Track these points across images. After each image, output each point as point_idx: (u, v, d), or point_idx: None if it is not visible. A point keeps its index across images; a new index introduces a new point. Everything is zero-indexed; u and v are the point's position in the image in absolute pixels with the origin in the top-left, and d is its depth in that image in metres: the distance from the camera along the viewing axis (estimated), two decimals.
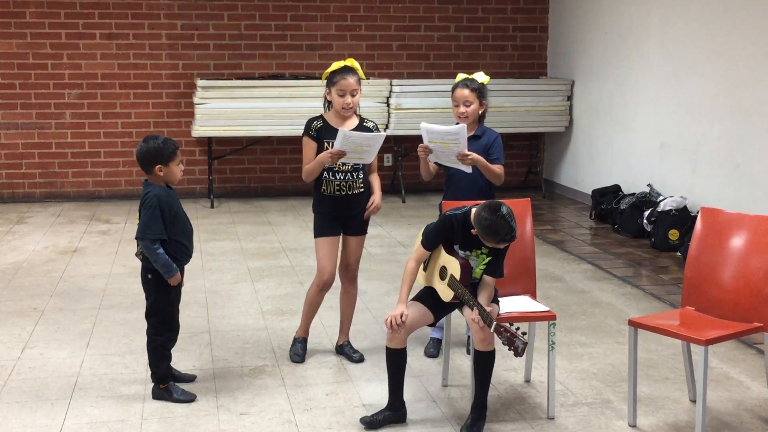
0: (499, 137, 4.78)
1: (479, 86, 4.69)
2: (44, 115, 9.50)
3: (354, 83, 4.59)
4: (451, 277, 3.88)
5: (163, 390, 4.28)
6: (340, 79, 4.57)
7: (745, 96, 6.85)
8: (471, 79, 4.71)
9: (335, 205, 4.68)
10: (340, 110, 4.59)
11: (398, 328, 3.86)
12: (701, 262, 4.14)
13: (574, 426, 4.04)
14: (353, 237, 4.78)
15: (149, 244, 4.12)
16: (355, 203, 4.71)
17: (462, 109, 4.68)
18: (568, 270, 6.79)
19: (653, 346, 5.02)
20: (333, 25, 9.94)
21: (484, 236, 3.79)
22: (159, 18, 9.59)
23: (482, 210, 3.77)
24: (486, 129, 4.79)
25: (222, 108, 9.07)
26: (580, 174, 9.78)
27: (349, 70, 4.60)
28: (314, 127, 4.63)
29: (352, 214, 4.72)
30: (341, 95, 4.57)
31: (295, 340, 4.89)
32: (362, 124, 4.69)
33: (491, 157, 4.69)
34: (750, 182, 6.81)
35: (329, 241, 4.69)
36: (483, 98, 4.71)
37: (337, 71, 4.59)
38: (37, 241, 7.64)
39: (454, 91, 4.71)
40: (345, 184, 4.64)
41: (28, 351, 4.96)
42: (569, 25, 9.94)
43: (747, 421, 4.10)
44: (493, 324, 3.67)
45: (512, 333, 3.60)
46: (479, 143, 4.69)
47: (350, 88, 4.57)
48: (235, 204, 9.51)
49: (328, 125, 4.62)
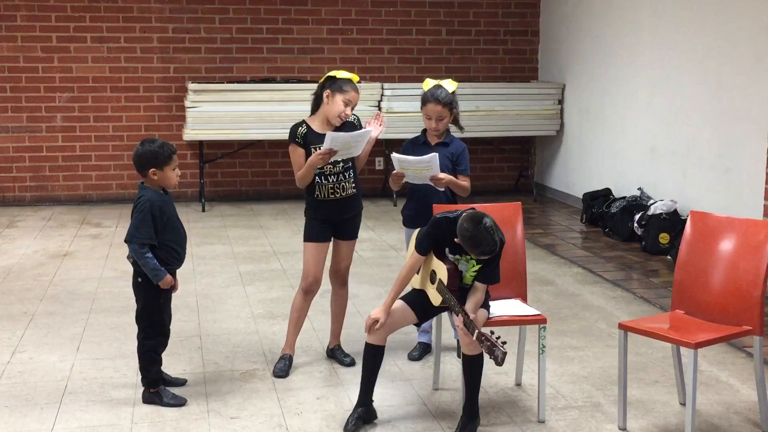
0: (467, 149, 4.78)
1: (451, 99, 4.66)
2: (35, 118, 9.48)
3: (358, 96, 4.62)
4: (440, 281, 3.89)
5: (154, 394, 4.27)
6: (351, 89, 4.55)
7: (735, 100, 6.88)
8: (441, 92, 4.64)
9: (329, 210, 4.67)
10: (336, 117, 4.58)
11: (374, 331, 3.91)
12: (691, 265, 4.15)
13: (564, 429, 4.05)
14: (344, 242, 4.77)
15: (137, 248, 4.11)
16: (348, 206, 4.70)
17: (434, 124, 4.68)
18: (559, 273, 6.81)
19: (643, 349, 5.03)
20: (324, 28, 9.94)
21: (466, 247, 3.78)
22: (150, 21, 9.58)
23: (465, 221, 3.75)
24: (453, 138, 4.79)
25: (213, 111, 9.07)
26: (571, 178, 9.80)
27: (354, 84, 4.61)
28: (300, 134, 4.62)
29: (345, 218, 4.72)
30: (346, 104, 4.57)
31: (282, 357, 4.77)
32: (345, 120, 4.69)
33: (459, 167, 4.70)
34: (740, 186, 6.84)
35: (317, 246, 4.68)
36: (454, 108, 4.70)
37: (348, 80, 4.57)
38: (28, 245, 7.62)
39: (426, 105, 4.67)
40: (338, 186, 4.64)
41: (18, 355, 4.94)
42: (560, 29, 9.96)
43: (736, 424, 4.11)
44: (475, 332, 3.66)
45: (492, 342, 3.57)
46: (447, 150, 4.70)
47: (355, 101, 4.59)
48: (227, 207, 9.50)
49: (313, 131, 4.61)
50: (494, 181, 10.45)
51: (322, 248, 4.70)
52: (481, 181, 10.33)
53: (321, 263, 4.70)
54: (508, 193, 10.26)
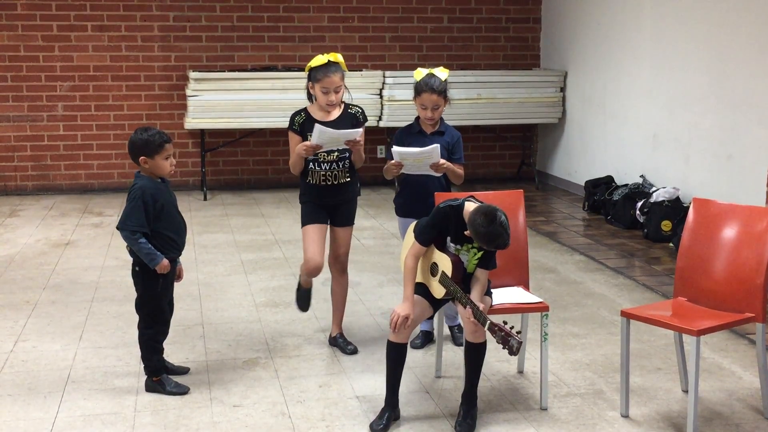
0: (461, 137, 4.77)
1: (445, 87, 4.63)
2: (36, 107, 9.47)
3: (338, 80, 4.53)
4: (443, 274, 3.86)
5: (157, 383, 4.28)
6: (323, 76, 4.52)
7: (737, 87, 6.86)
8: (435, 80, 4.60)
9: (321, 194, 4.66)
10: (324, 107, 4.58)
11: (403, 328, 3.83)
12: (693, 252, 4.15)
13: (566, 416, 4.05)
14: (341, 228, 4.77)
15: (129, 234, 4.11)
16: (341, 192, 4.69)
17: (430, 114, 4.66)
18: (561, 261, 6.81)
19: (645, 336, 5.03)
20: (326, 16, 9.92)
21: (478, 241, 3.74)
22: (151, 10, 9.55)
23: (478, 216, 3.69)
24: (448, 126, 4.78)
25: (215, 100, 9.05)
26: (573, 165, 9.79)
27: (332, 66, 4.53)
28: (297, 122, 4.63)
29: (338, 203, 4.71)
30: (325, 92, 4.54)
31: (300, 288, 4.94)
32: (347, 111, 4.68)
33: (454, 156, 4.68)
34: (742, 173, 6.83)
35: (316, 228, 4.67)
36: (446, 96, 4.68)
37: (320, 67, 4.53)
38: (30, 234, 7.62)
39: (421, 94, 4.63)
40: (330, 174, 4.63)
41: (20, 344, 4.95)
42: (562, 16, 9.93)
43: (739, 411, 4.12)
44: (487, 323, 3.62)
45: (506, 332, 3.53)
46: (443, 139, 4.68)
47: (334, 86, 4.53)
48: (228, 196, 9.50)
49: (311, 118, 4.61)
50: (496, 169, 10.44)
51: (320, 230, 4.69)
52: (482, 169, 10.34)
53: (321, 245, 4.67)
54: (510, 180, 10.25)
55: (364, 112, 4.77)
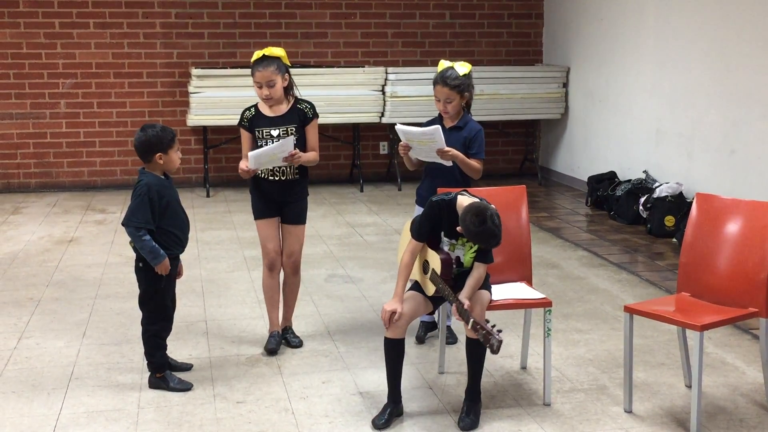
0: (482, 131, 4.69)
1: (460, 81, 4.55)
2: (39, 104, 9.47)
3: (269, 74, 4.48)
4: (432, 271, 3.87)
5: (160, 379, 4.28)
6: (255, 71, 4.51)
7: (739, 82, 6.85)
8: (451, 74, 4.56)
9: (270, 189, 4.65)
10: (263, 102, 4.56)
11: (394, 324, 3.84)
12: (697, 247, 4.14)
13: (570, 412, 4.05)
14: (291, 226, 4.73)
15: (134, 231, 4.12)
16: (289, 189, 4.66)
17: (442, 106, 4.63)
18: (564, 257, 6.80)
19: (649, 332, 5.03)
20: (328, 13, 9.91)
21: (471, 239, 3.76)
22: (153, 7, 9.55)
23: (469, 214, 3.68)
24: (469, 120, 4.70)
25: (217, 97, 9.06)
26: (575, 161, 9.78)
27: (263, 61, 4.50)
28: (246, 117, 4.64)
29: (287, 201, 4.68)
30: (258, 87, 4.52)
31: (270, 336, 4.80)
32: (296, 106, 4.64)
33: (471, 151, 4.63)
34: (745, 168, 6.82)
35: (267, 222, 4.70)
36: (465, 91, 4.59)
37: (254, 62, 4.51)
38: (33, 231, 7.63)
39: (435, 86, 4.61)
40: (278, 170, 4.62)
41: (24, 341, 4.96)
42: (564, 12, 9.91)
43: (742, 406, 4.11)
44: (471, 321, 3.63)
45: (488, 331, 3.55)
46: (460, 134, 4.64)
47: (265, 80, 4.49)
48: (231, 193, 9.50)
49: (260, 113, 4.61)
50: (499, 165, 10.42)
51: (271, 223, 4.70)
52: (485, 164, 10.21)
53: (275, 238, 4.71)
54: (512, 176, 10.24)
55: (314, 108, 4.70)
